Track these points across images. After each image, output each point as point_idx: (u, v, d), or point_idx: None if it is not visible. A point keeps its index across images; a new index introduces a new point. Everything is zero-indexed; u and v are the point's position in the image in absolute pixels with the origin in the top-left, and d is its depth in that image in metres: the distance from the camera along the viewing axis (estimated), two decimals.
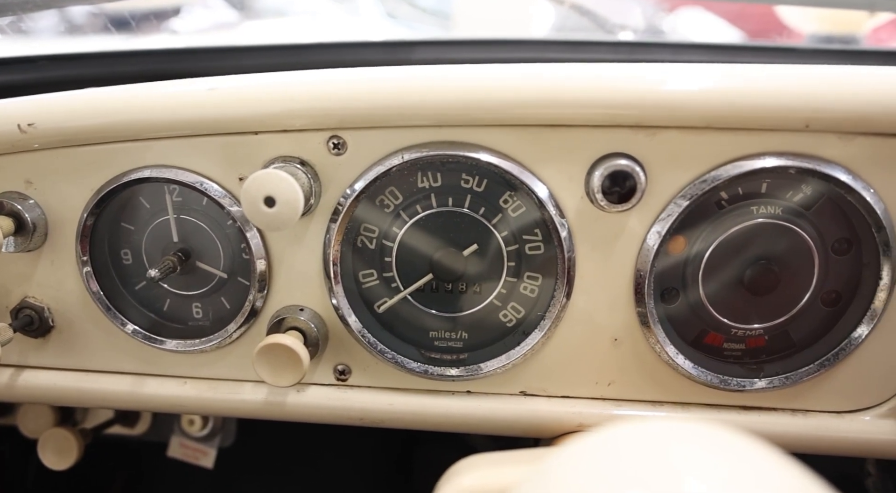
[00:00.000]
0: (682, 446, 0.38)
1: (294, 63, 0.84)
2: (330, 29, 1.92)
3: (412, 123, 0.66)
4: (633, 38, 1.09)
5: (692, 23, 2.10)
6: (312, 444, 1.20)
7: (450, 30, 1.84)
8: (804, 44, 1.35)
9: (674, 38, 1.40)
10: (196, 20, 1.73)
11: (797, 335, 0.72)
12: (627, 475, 0.36)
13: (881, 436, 0.72)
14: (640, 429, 0.39)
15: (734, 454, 0.38)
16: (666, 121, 0.63)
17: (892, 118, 0.61)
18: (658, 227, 0.66)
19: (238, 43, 0.91)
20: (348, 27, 1.89)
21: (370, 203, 0.70)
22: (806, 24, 1.51)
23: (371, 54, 0.96)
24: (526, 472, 0.42)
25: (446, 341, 0.74)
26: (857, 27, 1.39)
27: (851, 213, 0.66)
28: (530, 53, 0.97)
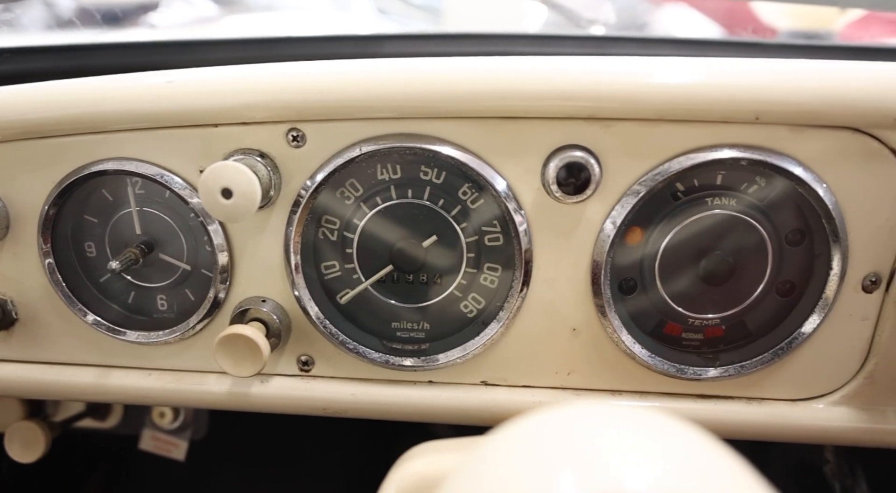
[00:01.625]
0: (607, 428, 0.38)
1: (261, 57, 0.84)
2: (316, 24, 1.92)
3: (370, 115, 0.66)
4: (606, 33, 1.10)
5: (675, 19, 2.12)
6: (294, 437, 1.20)
7: (440, 26, 1.84)
8: (778, 40, 1.36)
9: (645, 33, 1.40)
10: (175, 15, 1.73)
11: (753, 325, 0.73)
12: (551, 458, 0.37)
13: (834, 423, 0.74)
14: (567, 412, 0.40)
15: (662, 437, 0.39)
16: (620, 113, 0.64)
17: (839, 111, 0.62)
18: (613, 217, 0.67)
19: (201, 37, 0.91)
20: (337, 23, 1.89)
21: (331, 195, 0.70)
22: (781, 20, 1.53)
23: (340, 48, 0.96)
24: (464, 457, 0.43)
25: (409, 331, 0.75)
26: (829, 24, 1.41)
27: (803, 204, 0.67)
28: (499, 48, 0.98)
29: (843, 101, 0.61)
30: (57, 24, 1.65)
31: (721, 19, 1.81)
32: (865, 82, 0.62)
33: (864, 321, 0.71)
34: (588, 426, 0.40)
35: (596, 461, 0.37)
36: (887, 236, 0.67)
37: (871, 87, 0.61)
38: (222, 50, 0.91)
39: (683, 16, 2.03)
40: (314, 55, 0.80)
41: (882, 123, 0.62)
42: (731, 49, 1.04)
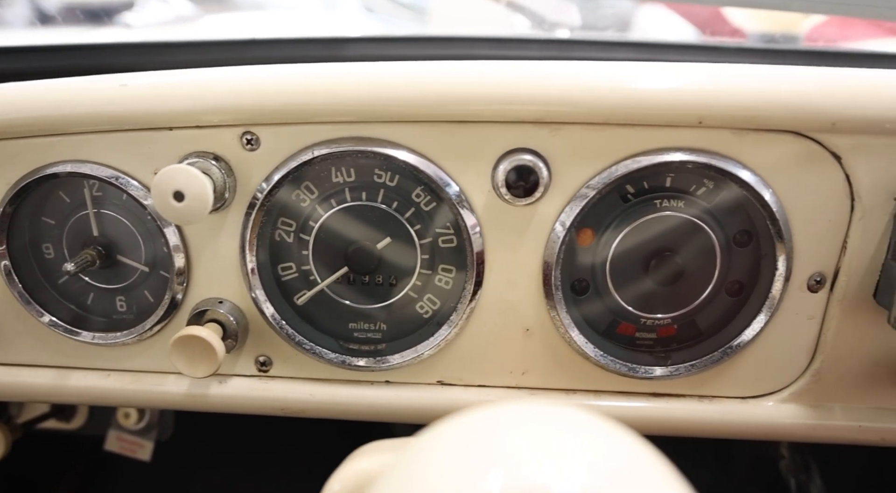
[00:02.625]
0: (531, 427, 0.40)
1: (223, 59, 0.85)
2: (294, 24, 1.92)
3: (323, 119, 0.67)
4: (570, 36, 1.11)
5: (654, 20, 2.14)
6: (265, 436, 1.21)
7: (425, 25, 1.85)
8: (743, 43, 1.38)
9: (620, 36, 1.42)
10: (151, 14, 1.73)
11: (704, 325, 0.75)
12: (473, 457, 0.38)
13: (783, 420, 0.75)
14: (494, 412, 0.41)
15: (585, 436, 0.40)
16: (567, 117, 0.65)
17: (779, 115, 0.63)
18: (563, 219, 0.68)
19: (164, 39, 0.92)
20: (317, 22, 1.89)
21: (287, 197, 0.71)
22: (750, 23, 1.55)
23: (304, 51, 0.97)
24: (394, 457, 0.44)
25: (366, 332, 0.76)
26: (796, 26, 1.43)
27: (749, 206, 0.69)
28: (462, 50, 0.99)
29: (782, 105, 0.63)
30: (40, 21, 1.66)
31: (695, 22, 1.83)
32: (804, 87, 0.63)
33: (810, 320, 0.72)
34: (513, 425, 0.41)
35: (516, 460, 0.38)
36: (830, 237, 0.69)
37: (809, 91, 0.63)
38: (183, 52, 0.92)
39: (661, 18, 2.05)
40: (277, 58, 0.82)
41: (821, 126, 0.64)
42: (693, 52, 1.06)
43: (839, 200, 0.67)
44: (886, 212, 0.67)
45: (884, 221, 0.68)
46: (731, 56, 1.12)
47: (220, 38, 0.90)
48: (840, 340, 0.72)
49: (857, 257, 0.69)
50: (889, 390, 0.74)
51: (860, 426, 0.75)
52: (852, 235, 0.68)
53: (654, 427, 0.77)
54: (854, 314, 0.71)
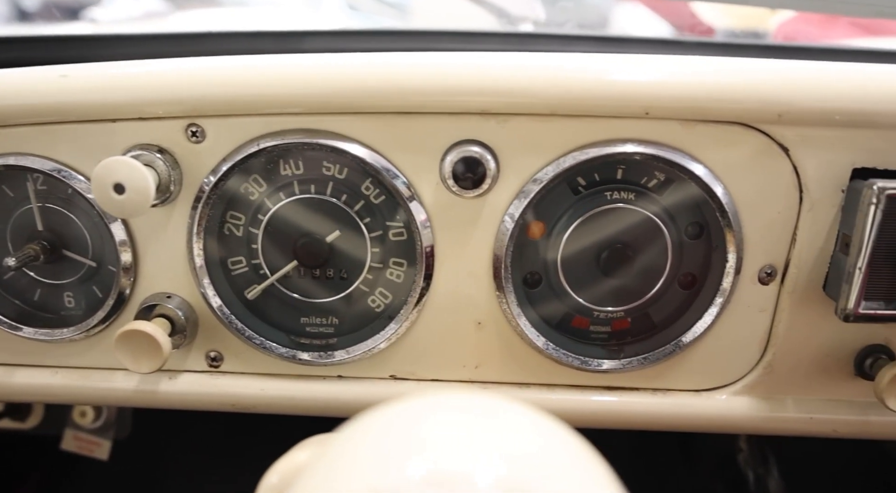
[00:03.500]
0: (448, 418, 0.39)
1: (177, 53, 0.84)
2: (264, 21, 1.91)
3: (268, 110, 0.66)
4: (533, 30, 1.11)
5: (631, 17, 2.15)
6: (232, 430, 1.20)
7: (408, 23, 1.84)
8: (706, 38, 1.38)
9: (571, 30, 1.42)
10: (119, 10, 1.71)
11: (657, 317, 0.75)
12: (390, 449, 0.37)
13: (736, 413, 0.75)
14: (416, 404, 0.40)
15: (506, 427, 0.40)
16: (514, 108, 0.64)
17: (725, 106, 0.63)
18: (511, 212, 0.68)
19: (109, 32, 0.90)
20: (302, 20, 1.87)
21: (234, 190, 0.70)
22: (719, 19, 1.55)
23: (262, 44, 0.96)
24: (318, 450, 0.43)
25: (318, 326, 0.75)
26: (764, 22, 1.43)
27: (699, 198, 0.69)
28: (422, 44, 0.99)
29: (727, 96, 0.63)
30: (19, 18, 1.64)
31: (671, 20, 1.84)
32: (749, 78, 0.63)
33: (761, 313, 0.72)
34: (432, 415, 0.40)
35: (434, 449, 0.37)
36: (780, 229, 0.69)
37: (755, 82, 0.63)
38: (132, 45, 0.91)
39: (638, 16, 2.07)
40: (233, 51, 0.80)
41: (767, 118, 0.64)
42: (657, 47, 1.06)
43: (788, 192, 0.68)
44: (834, 204, 0.67)
45: (832, 213, 0.68)
46: (696, 51, 1.12)
47: (172, 31, 0.89)
48: (791, 332, 0.72)
49: (807, 249, 0.69)
50: (840, 381, 0.74)
51: (811, 418, 0.75)
52: (801, 227, 0.68)
53: (608, 421, 0.77)
54: (805, 306, 0.71)
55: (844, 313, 0.66)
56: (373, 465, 0.37)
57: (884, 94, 0.64)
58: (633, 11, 2.07)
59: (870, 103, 0.64)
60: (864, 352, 0.73)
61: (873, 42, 1.53)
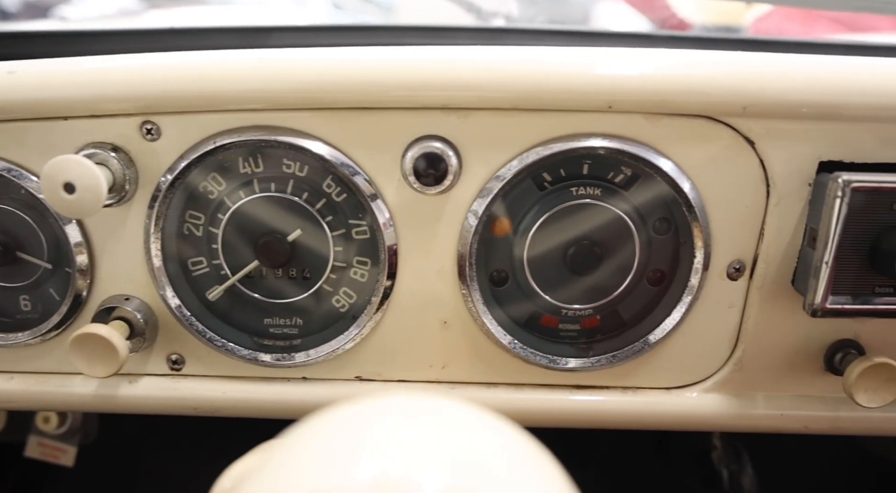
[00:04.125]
0: (397, 421, 0.38)
1: (139, 50, 0.82)
2: (241, 18, 1.88)
3: (225, 107, 0.65)
4: (505, 25, 1.10)
5: (609, 13, 2.15)
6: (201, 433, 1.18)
7: (391, 20, 1.83)
8: (678, 33, 1.38)
9: (542, 25, 1.41)
10: (91, 8, 1.68)
11: (627, 315, 0.74)
12: (332, 453, 0.36)
13: (707, 410, 0.74)
14: (361, 407, 0.39)
15: (459, 429, 0.38)
16: (475, 102, 0.63)
17: (689, 99, 0.62)
18: (475, 209, 0.66)
19: (79, 28, 0.88)
20: (285, 16, 1.85)
21: (193, 189, 0.69)
22: (695, 15, 1.55)
23: (228, 40, 0.94)
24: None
25: (282, 327, 0.74)
26: (739, 18, 1.43)
27: (666, 193, 0.68)
28: (390, 40, 0.97)
29: (691, 89, 0.62)
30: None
31: (647, 14, 1.84)
32: (713, 71, 0.62)
33: (730, 309, 0.72)
34: (379, 418, 0.39)
35: (378, 453, 0.36)
36: (748, 224, 0.68)
37: (719, 75, 0.62)
38: (97, 43, 0.89)
39: (619, 13, 2.07)
40: (198, 48, 0.78)
41: (731, 111, 0.63)
42: (627, 41, 1.05)
43: (755, 186, 0.67)
44: (802, 197, 0.67)
45: (799, 208, 0.67)
46: (670, 45, 1.11)
47: (134, 27, 0.87)
48: (760, 328, 0.72)
49: (775, 244, 0.68)
50: (810, 377, 0.74)
51: (782, 415, 0.74)
52: (769, 221, 0.68)
53: (577, 420, 0.76)
54: (773, 302, 0.70)
55: (812, 308, 0.65)
56: (318, 469, 0.36)
57: (850, 86, 0.63)
58: (614, 8, 2.07)
59: (836, 96, 0.63)
60: (834, 347, 0.72)
61: (852, 38, 1.54)
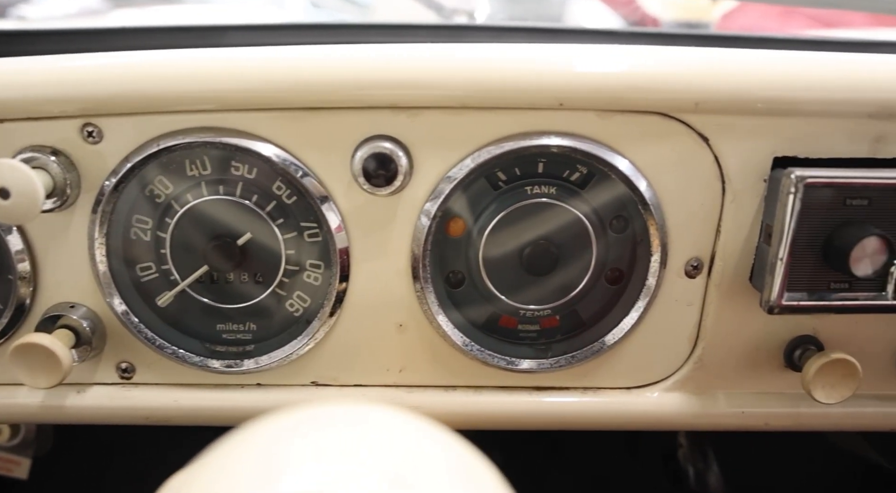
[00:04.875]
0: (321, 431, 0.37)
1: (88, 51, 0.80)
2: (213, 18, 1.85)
3: (170, 108, 0.63)
4: (467, 22, 1.09)
5: (585, 13, 2.15)
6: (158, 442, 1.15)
7: (368, 19, 1.81)
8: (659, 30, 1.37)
9: (503, 22, 1.40)
10: (51, 7, 1.65)
11: (586, 314, 0.73)
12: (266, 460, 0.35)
13: (668, 409, 0.74)
14: (288, 417, 0.38)
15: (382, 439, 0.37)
16: (423, 101, 0.62)
17: (641, 96, 0.62)
18: (427, 209, 0.65)
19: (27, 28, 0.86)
20: (261, 16, 1.82)
21: (139, 193, 0.67)
22: (664, 12, 1.55)
23: (181, 39, 0.92)
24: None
25: (234, 333, 0.72)
26: (707, 14, 1.43)
27: (621, 190, 0.67)
28: (347, 38, 0.96)
29: (642, 86, 0.61)
30: None
31: (619, 11, 1.84)
32: (664, 67, 0.61)
33: (689, 307, 0.71)
34: (306, 429, 0.38)
35: (302, 464, 0.35)
36: (704, 221, 0.68)
37: (670, 71, 0.61)
38: (51, 42, 0.86)
39: (592, 10, 2.07)
40: (153, 47, 0.76)
41: (684, 107, 0.62)
42: (590, 38, 1.04)
43: (710, 182, 0.66)
44: (758, 194, 0.66)
45: (755, 204, 0.66)
46: (636, 42, 1.10)
47: (81, 27, 0.85)
48: (720, 325, 0.71)
49: (732, 241, 0.68)
50: (770, 373, 0.73)
51: (743, 412, 0.74)
52: (726, 218, 0.67)
53: (539, 422, 0.75)
54: (732, 299, 0.70)
55: (768, 304, 0.65)
56: (245, 486, 0.35)
57: (803, 81, 0.63)
58: (588, 5, 2.07)
59: (789, 91, 0.62)
60: (793, 343, 0.72)
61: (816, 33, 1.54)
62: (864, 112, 0.63)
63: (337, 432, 0.37)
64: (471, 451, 0.39)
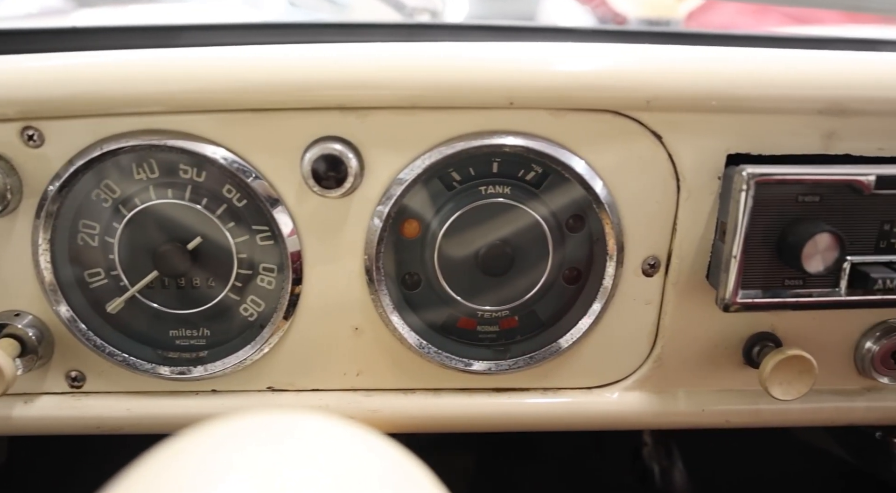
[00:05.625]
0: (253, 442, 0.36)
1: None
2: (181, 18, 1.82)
3: (113, 110, 0.62)
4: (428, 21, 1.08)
5: (558, 9, 2.15)
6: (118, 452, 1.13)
7: (346, 16, 1.79)
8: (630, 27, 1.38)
9: (463, 21, 1.39)
10: (11, 6, 1.62)
11: (544, 315, 0.72)
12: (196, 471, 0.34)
13: (628, 408, 0.74)
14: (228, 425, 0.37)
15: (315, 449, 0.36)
16: (373, 102, 0.61)
17: (592, 94, 0.61)
18: (380, 210, 0.64)
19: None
20: (235, 15, 1.79)
21: (85, 197, 0.65)
22: (632, 10, 1.55)
23: (134, 40, 0.90)
24: None
25: (188, 339, 0.71)
26: (673, 11, 1.43)
27: (576, 189, 0.66)
28: (306, 37, 0.94)
29: (593, 84, 0.60)
30: None
31: (586, 5, 1.84)
32: (614, 65, 0.61)
33: (647, 305, 0.71)
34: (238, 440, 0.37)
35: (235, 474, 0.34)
36: (660, 219, 0.67)
37: (621, 69, 0.61)
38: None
39: (564, 6, 2.07)
40: (106, 47, 0.75)
41: (636, 105, 0.62)
42: (551, 36, 1.03)
43: (665, 180, 0.66)
44: (712, 191, 0.66)
45: (710, 201, 0.66)
46: (600, 40, 1.10)
47: (23, 27, 0.83)
48: (678, 324, 0.71)
49: (688, 239, 0.67)
50: (730, 371, 0.73)
51: (703, 410, 0.74)
52: (681, 216, 0.67)
53: (499, 424, 0.74)
54: (690, 297, 0.70)
55: (723, 302, 0.64)
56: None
57: (754, 78, 0.62)
58: (560, 3, 2.08)
59: (740, 88, 0.62)
60: (752, 340, 0.72)
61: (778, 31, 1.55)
62: (815, 108, 0.63)
63: (267, 442, 0.36)
64: (406, 457, 0.38)
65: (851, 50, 0.65)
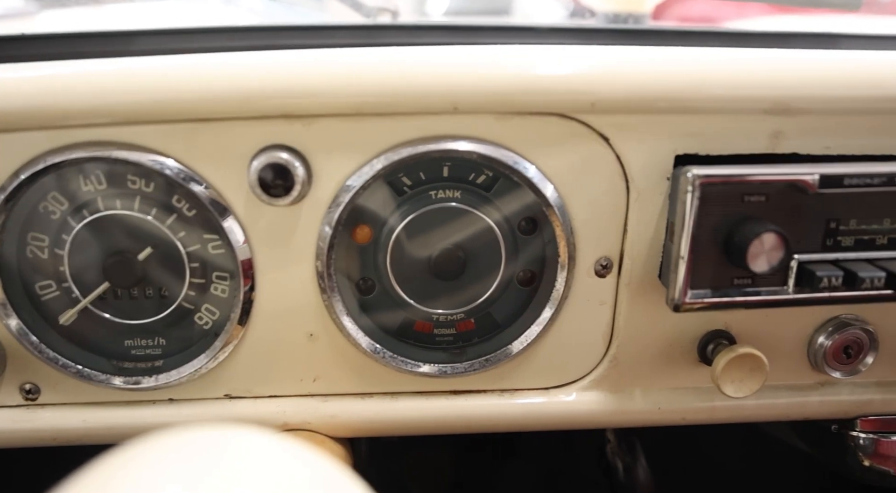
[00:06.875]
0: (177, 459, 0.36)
1: None
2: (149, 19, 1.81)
3: (57, 123, 0.61)
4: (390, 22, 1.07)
5: (532, 2, 2.15)
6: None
7: (323, 14, 1.78)
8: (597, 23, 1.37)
9: (423, 20, 1.39)
10: None
11: (500, 317, 0.73)
12: None
13: (586, 408, 0.74)
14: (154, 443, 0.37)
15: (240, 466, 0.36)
16: (317, 109, 0.61)
17: (537, 98, 0.61)
18: (329, 218, 0.64)
19: None
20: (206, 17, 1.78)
21: (31, 210, 0.65)
22: (600, 4, 1.54)
23: (87, 46, 0.90)
24: None
25: (143, 348, 0.71)
26: (641, 7, 1.43)
27: (525, 192, 0.66)
28: (263, 41, 0.94)
29: (535, 87, 0.61)
30: None
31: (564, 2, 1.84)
32: (557, 67, 0.61)
33: (602, 306, 0.71)
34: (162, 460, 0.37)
35: None
36: (611, 221, 0.67)
37: (564, 72, 0.61)
38: None
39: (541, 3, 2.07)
40: (50, 56, 0.74)
41: (580, 107, 0.62)
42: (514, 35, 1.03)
43: (614, 182, 0.66)
44: (661, 192, 0.66)
45: (660, 202, 0.67)
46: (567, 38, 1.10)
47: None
48: (633, 323, 0.71)
49: (639, 240, 0.68)
50: (685, 369, 0.74)
51: (660, 408, 0.74)
52: (632, 217, 0.67)
53: (458, 426, 0.74)
54: (643, 297, 0.70)
55: (673, 302, 0.65)
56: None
57: (698, 78, 0.62)
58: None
59: (685, 89, 0.62)
60: (706, 338, 0.73)
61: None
62: (761, 108, 0.63)
63: (198, 459, 0.36)
64: (339, 470, 0.39)
65: (814, 46, 0.65)
